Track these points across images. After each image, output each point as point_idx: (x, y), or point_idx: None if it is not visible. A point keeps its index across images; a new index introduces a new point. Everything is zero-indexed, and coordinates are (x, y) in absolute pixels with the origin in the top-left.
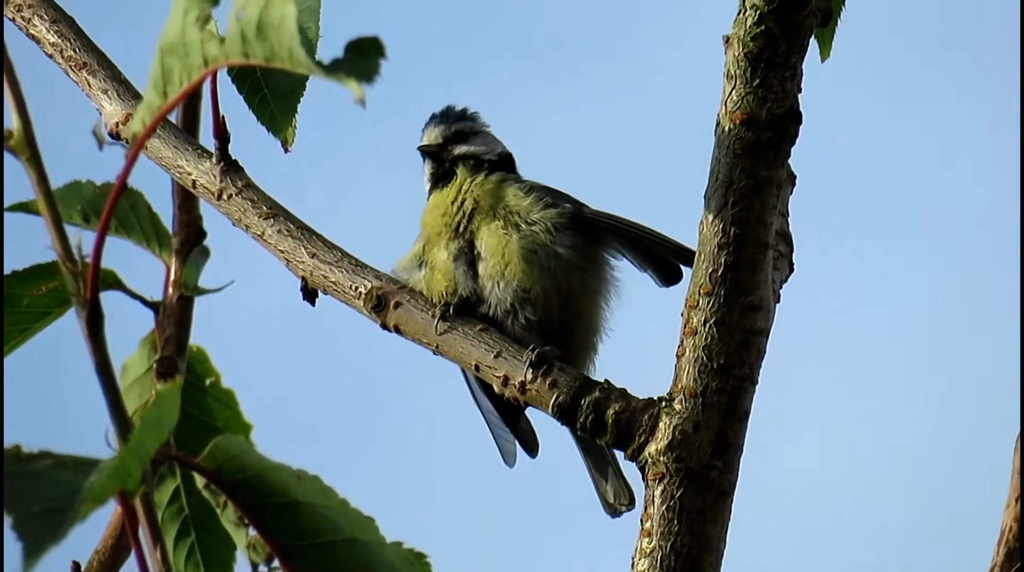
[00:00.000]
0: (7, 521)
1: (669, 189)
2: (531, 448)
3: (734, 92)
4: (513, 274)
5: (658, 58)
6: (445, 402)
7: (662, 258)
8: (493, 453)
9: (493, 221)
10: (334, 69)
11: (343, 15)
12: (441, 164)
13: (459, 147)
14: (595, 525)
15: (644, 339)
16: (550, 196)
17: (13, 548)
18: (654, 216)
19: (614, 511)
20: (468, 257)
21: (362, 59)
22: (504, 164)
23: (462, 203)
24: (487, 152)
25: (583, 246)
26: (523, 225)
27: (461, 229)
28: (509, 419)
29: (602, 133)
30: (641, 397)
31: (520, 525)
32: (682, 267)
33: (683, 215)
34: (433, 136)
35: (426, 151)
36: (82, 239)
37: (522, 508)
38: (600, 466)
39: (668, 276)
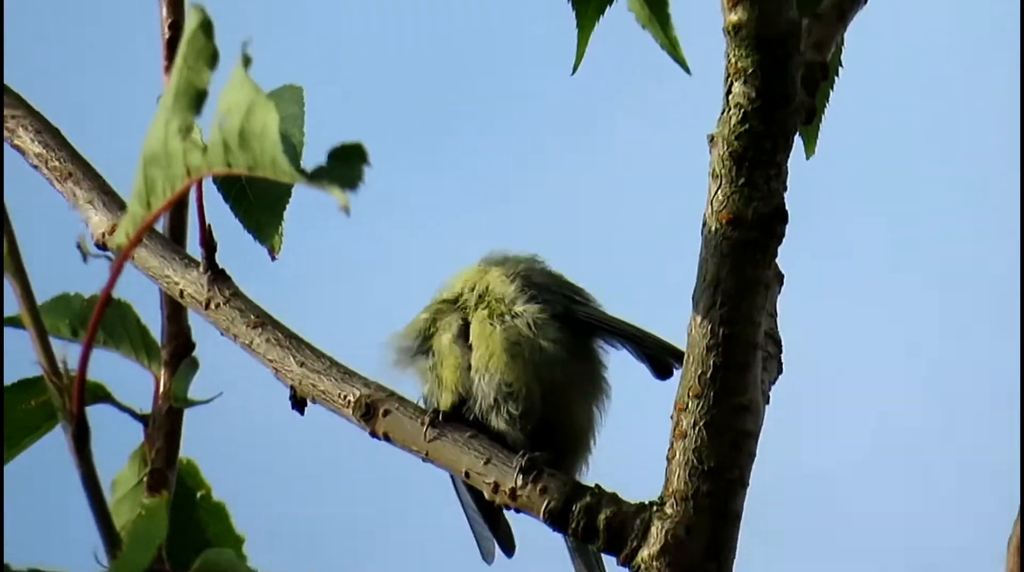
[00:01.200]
0: None
1: (657, 290)
2: (508, 547)
3: (720, 191)
4: (496, 367)
5: (642, 156)
6: (439, 510)
7: (653, 355)
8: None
9: (479, 308)
10: (317, 177)
11: (327, 120)
12: None
13: None
14: None
15: (635, 440)
16: (536, 288)
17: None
18: (641, 317)
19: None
20: (464, 341)
21: (345, 166)
22: None
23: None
24: None
25: (569, 340)
26: (507, 317)
27: (460, 302)
28: (489, 517)
29: (584, 234)
30: (632, 501)
31: None
32: (675, 366)
33: (672, 316)
34: None
35: None
36: (68, 353)
37: None
38: (584, 567)
39: (662, 370)
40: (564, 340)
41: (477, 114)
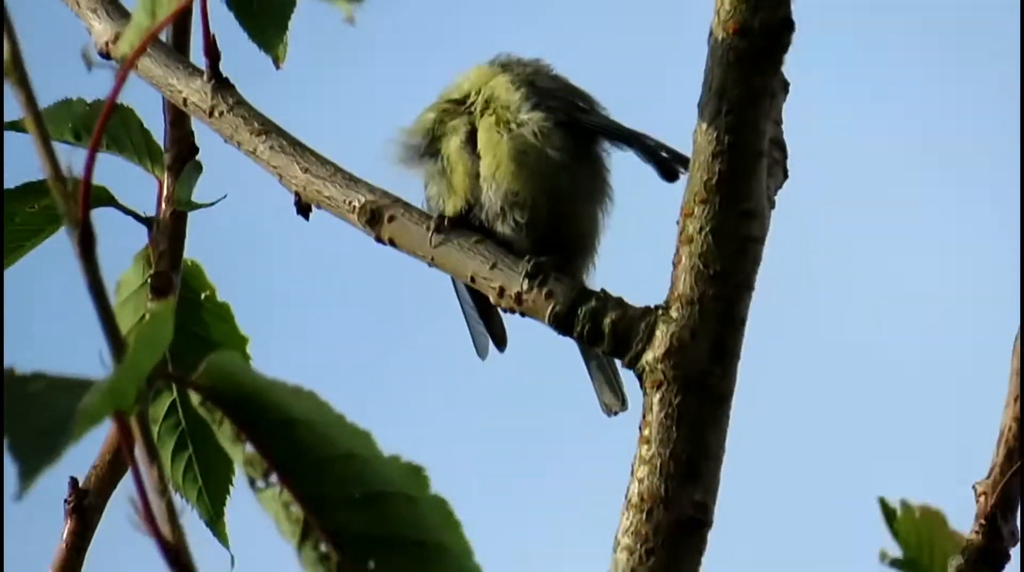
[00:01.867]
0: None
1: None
2: (501, 343)
3: (727, 1)
4: (503, 176)
5: None
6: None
7: (661, 159)
8: (491, 368)
9: (486, 114)
10: None
11: None
12: None
13: None
14: (592, 434)
15: (639, 248)
16: (541, 95)
17: (10, 470)
18: (648, 126)
19: (609, 410)
20: (472, 148)
21: None
22: None
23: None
24: None
25: (575, 146)
26: (513, 125)
27: (467, 104)
28: (484, 314)
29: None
30: (638, 306)
31: (519, 435)
32: (680, 171)
33: (677, 125)
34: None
35: None
36: (73, 158)
37: (521, 418)
38: (600, 369)
39: (669, 173)
40: (569, 147)
41: None
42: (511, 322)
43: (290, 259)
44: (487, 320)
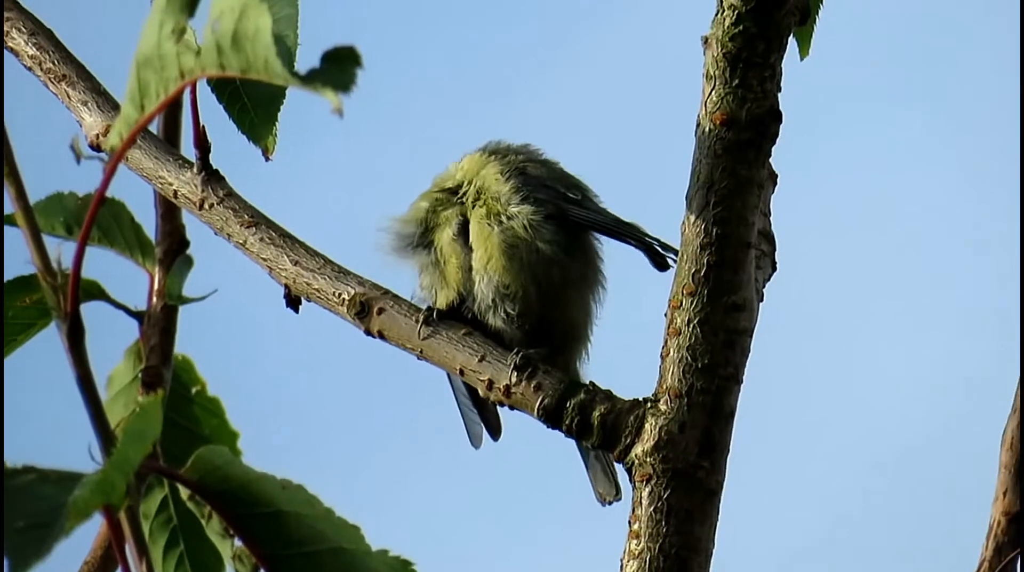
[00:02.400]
0: None
1: (651, 190)
2: (495, 432)
3: (714, 93)
4: (495, 269)
5: (637, 58)
6: (430, 407)
7: (652, 248)
8: (483, 458)
9: (477, 206)
10: (310, 79)
11: (323, 22)
12: None
13: None
14: (584, 528)
15: (628, 340)
16: (532, 185)
17: None
18: (636, 218)
19: (603, 499)
20: (464, 240)
21: (339, 69)
22: None
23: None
24: None
25: (566, 239)
26: (503, 218)
27: (460, 194)
28: (478, 403)
29: (580, 134)
30: (627, 398)
31: (509, 527)
32: (671, 260)
33: (665, 217)
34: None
35: None
36: (63, 251)
37: (511, 511)
38: (595, 457)
39: (660, 262)
40: (560, 239)
41: (471, 16)
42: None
43: (280, 352)
44: (481, 409)
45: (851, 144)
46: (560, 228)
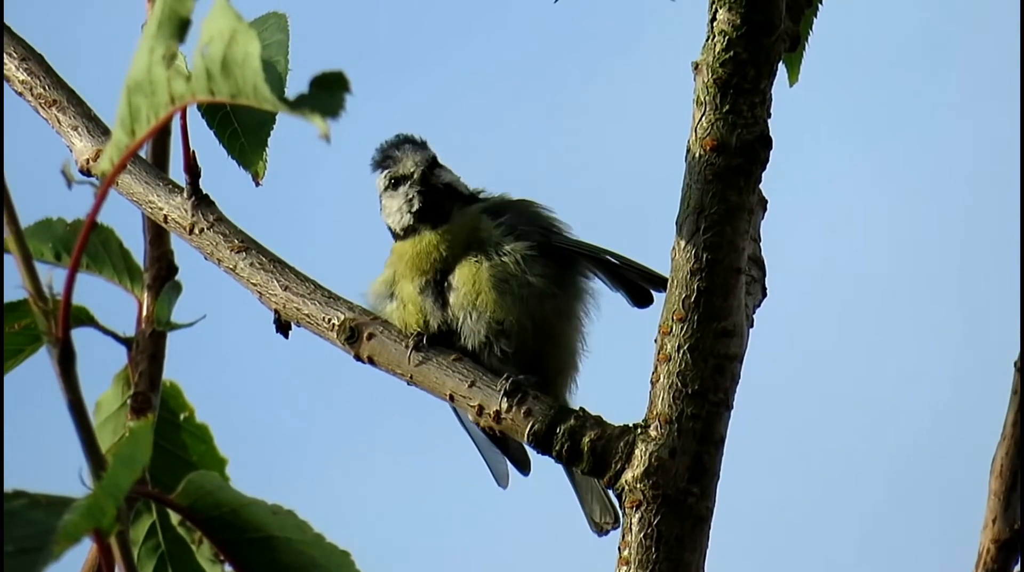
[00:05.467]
0: None
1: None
2: (523, 466)
3: (704, 118)
4: (485, 304)
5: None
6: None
7: (633, 282)
8: (468, 482)
9: (465, 254)
10: (299, 105)
11: (314, 46)
12: (432, 193)
13: (442, 175)
14: (573, 555)
15: (618, 366)
16: (520, 221)
17: None
18: (625, 243)
19: (600, 529)
20: (437, 289)
21: (327, 94)
22: (471, 196)
23: (442, 254)
24: (459, 183)
25: (555, 272)
26: (494, 255)
27: (435, 273)
28: (498, 439)
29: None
30: (616, 424)
31: (498, 552)
32: (653, 292)
33: (655, 242)
34: (412, 163)
35: (415, 179)
36: (53, 277)
37: (499, 535)
38: (585, 485)
39: (639, 298)
40: (550, 273)
41: (461, 45)
42: None
43: (269, 378)
44: (503, 446)
45: (841, 170)
46: (549, 262)
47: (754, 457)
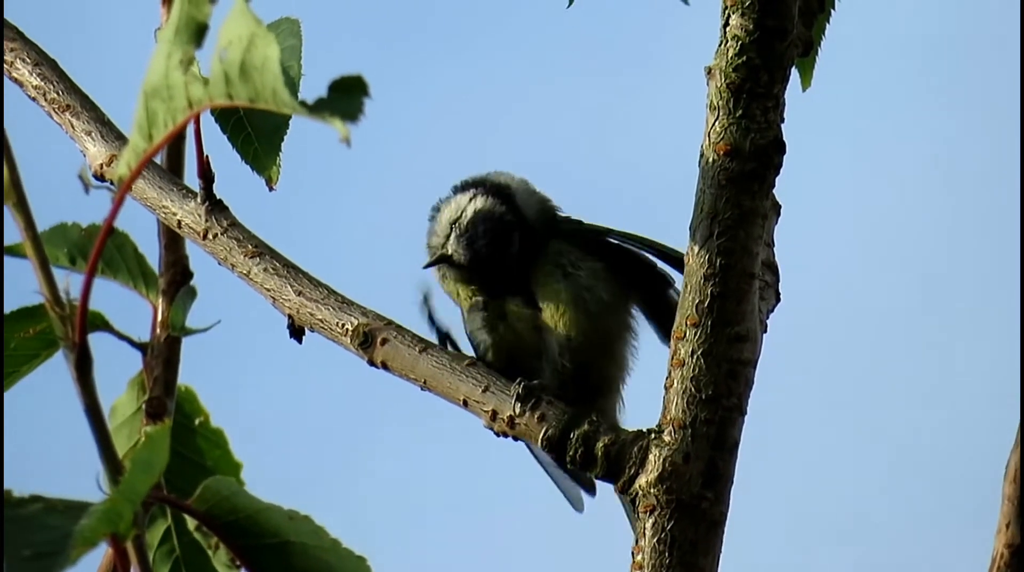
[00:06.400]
0: None
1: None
2: (589, 487)
3: (717, 123)
4: (566, 324)
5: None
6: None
7: (665, 314)
8: (483, 488)
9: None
10: (318, 109)
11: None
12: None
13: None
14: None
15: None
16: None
17: None
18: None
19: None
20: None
21: (346, 98)
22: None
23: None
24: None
25: (617, 292)
26: (569, 269)
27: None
28: (564, 466)
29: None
30: (630, 429)
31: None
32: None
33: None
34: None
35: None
36: (69, 282)
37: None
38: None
39: (668, 333)
40: (614, 292)
41: (470, 45)
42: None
43: (284, 384)
44: (574, 473)
45: (854, 174)
46: (612, 283)
47: (768, 462)
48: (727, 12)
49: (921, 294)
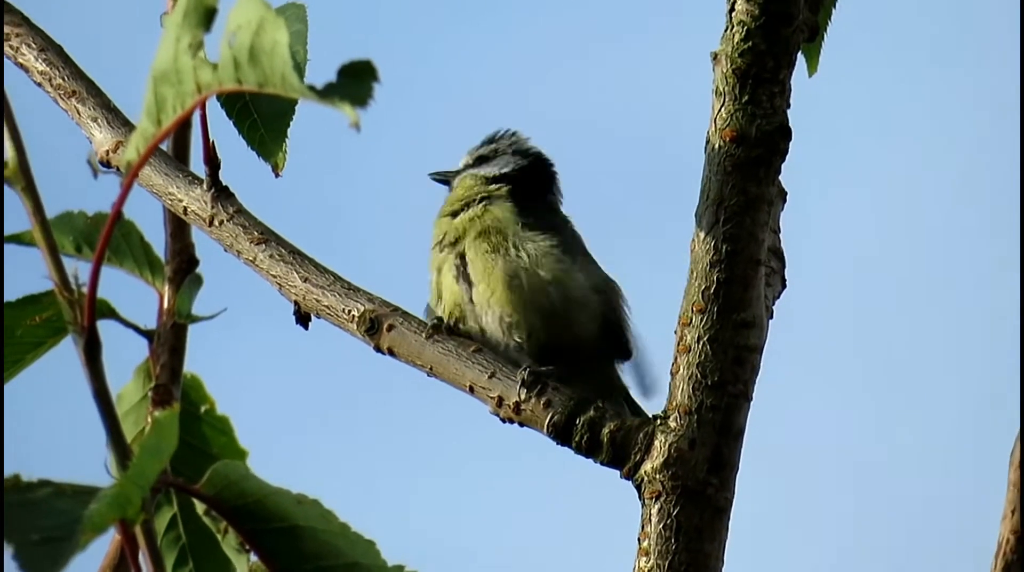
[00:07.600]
0: (8, 551)
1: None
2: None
3: (723, 109)
4: (498, 302)
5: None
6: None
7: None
8: (488, 473)
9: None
10: (328, 94)
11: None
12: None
13: (474, 171)
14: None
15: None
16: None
17: None
18: (645, 235)
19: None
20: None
21: (356, 83)
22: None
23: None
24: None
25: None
26: (511, 250)
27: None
28: None
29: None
30: (636, 415)
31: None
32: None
33: (675, 233)
34: (459, 164)
35: (436, 179)
36: (77, 268)
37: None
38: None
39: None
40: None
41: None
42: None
43: (290, 370)
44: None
45: (860, 160)
46: (563, 251)
47: (773, 448)
48: None
49: (927, 279)
